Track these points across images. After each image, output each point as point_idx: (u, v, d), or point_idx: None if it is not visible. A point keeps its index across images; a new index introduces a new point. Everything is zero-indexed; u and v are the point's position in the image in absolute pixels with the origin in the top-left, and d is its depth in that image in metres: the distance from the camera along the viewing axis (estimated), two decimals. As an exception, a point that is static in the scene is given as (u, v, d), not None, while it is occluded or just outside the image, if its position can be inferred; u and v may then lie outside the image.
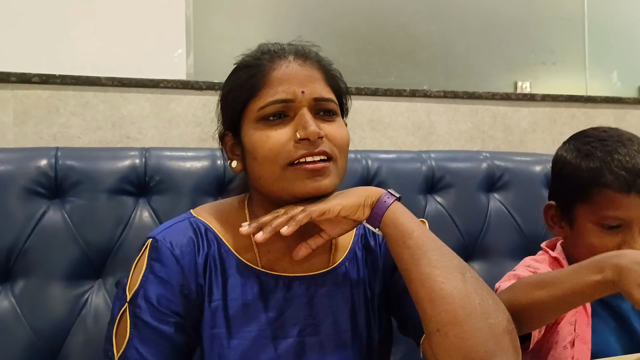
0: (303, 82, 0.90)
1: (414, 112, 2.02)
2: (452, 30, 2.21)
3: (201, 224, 0.95)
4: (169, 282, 0.88)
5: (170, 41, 1.80)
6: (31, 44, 1.65)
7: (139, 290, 0.87)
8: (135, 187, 1.33)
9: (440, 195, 1.56)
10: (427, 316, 0.81)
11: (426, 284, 0.82)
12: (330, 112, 0.92)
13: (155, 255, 0.89)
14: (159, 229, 0.94)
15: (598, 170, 1.06)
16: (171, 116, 1.73)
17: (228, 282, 0.92)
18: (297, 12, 2.03)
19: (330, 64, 0.97)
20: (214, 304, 0.90)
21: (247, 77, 0.92)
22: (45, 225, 1.25)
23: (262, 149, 0.88)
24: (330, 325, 0.94)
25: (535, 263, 1.13)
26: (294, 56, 0.92)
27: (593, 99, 2.27)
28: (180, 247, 0.90)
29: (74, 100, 1.66)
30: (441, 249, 0.86)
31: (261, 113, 0.89)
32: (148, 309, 0.86)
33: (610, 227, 1.04)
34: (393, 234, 0.88)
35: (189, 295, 0.89)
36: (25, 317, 1.20)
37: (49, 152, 1.29)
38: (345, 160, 0.94)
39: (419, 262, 0.84)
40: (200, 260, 0.91)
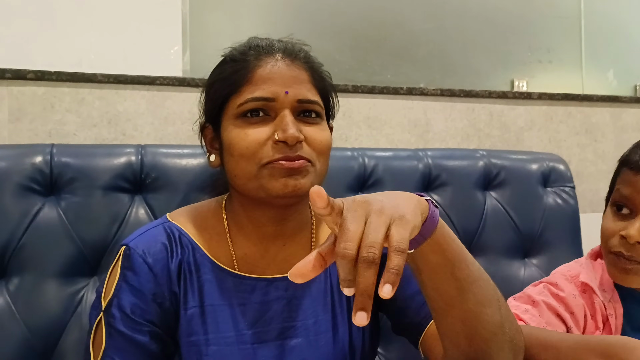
0: (288, 83, 0.88)
1: (410, 109, 2.02)
2: (448, 28, 2.20)
3: (175, 229, 0.93)
4: (142, 291, 0.86)
5: (166, 38, 1.79)
6: (26, 41, 1.64)
7: (113, 300, 0.86)
8: (131, 184, 1.32)
9: (436, 193, 1.56)
10: (459, 350, 0.79)
11: (468, 323, 0.77)
12: (313, 114, 0.90)
13: (128, 263, 0.88)
14: (132, 236, 0.92)
15: (629, 152, 1.05)
16: (167, 113, 1.73)
17: (204, 288, 0.90)
18: (294, 10, 2.03)
19: (319, 65, 0.95)
20: (190, 311, 0.89)
21: (231, 71, 0.90)
22: (40, 222, 1.24)
23: (239, 147, 0.86)
24: (311, 327, 0.92)
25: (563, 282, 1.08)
26: (282, 54, 0.90)
27: (589, 97, 2.27)
28: (153, 254, 0.89)
29: (69, 97, 1.65)
30: (482, 277, 0.78)
31: (240, 109, 0.88)
32: (122, 319, 0.85)
33: (620, 207, 1.01)
34: (438, 262, 0.74)
35: (162, 303, 0.87)
36: (20, 314, 1.19)
37: (44, 149, 1.29)
38: (325, 164, 0.91)
39: (464, 296, 0.76)
40: (173, 267, 0.89)
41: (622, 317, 1.03)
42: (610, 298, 1.05)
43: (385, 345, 1.41)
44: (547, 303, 1.04)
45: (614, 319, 1.03)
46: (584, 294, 1.06)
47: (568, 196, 1.64)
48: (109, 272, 0.90)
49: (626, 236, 0.97)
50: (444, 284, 0.76)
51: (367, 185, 1.51)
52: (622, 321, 1.03)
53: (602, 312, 1.04)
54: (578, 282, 1.08)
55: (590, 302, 1.05)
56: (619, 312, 1.04)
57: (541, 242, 1.60)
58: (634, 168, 1.00)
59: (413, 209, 0.65)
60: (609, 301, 1.04)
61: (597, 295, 1.05)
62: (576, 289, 1.07)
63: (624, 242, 0.98)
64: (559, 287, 1.07)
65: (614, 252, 1.01)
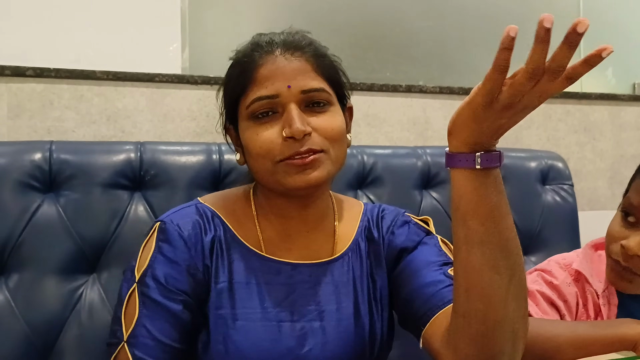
0: (289, 76, 0.89)
1: (409, 107, 2.02)
2: (448, 26, 2.20)
3: (208, 210, 0.97)
4: (177, 262, 0.90)
5: (165, 35, 1.79)
6: (25, 38, 1.64)
7: (147, 270, 0.89)
8: (130, 181, 1.32)
9: (435, 190, 1.56)
10: (459, 300, 0.78)
11: (470, 277, 0.75)
12: (321, 102, 0.91)
13: (164, 236, 0.91)
14: (167, 213, 0.96)
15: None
16: (166, 110, 1.73)
17: (233, 265, 0.94)
18: (292, 7, 2.03)
19: (323, 51, 0.97)
20: (219, 285, 0.92)
21: (236, 74, 0.94)
22: (39, 219, 1.24)
23: (254, 147, 0.90)
24: (334, 313, 0.95)
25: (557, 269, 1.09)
26: (282, 49, 0.92)
27: (588, 95, 2.28)
28: (188, 229, 0.92)
29: (68, 94, 1.65)
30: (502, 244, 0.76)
31: (249, 111, 0.91)
32: (157, 287, 0.88)
33: (627, 215, 1.01)
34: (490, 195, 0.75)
35: (195, 274, 0.91)
36: (20, 311, 1.20)
37: (44, 146, 1.29)
38: (341, 149, 0.93)
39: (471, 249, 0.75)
40: (207, 242, 0.93)
41: (617, 307, 1.04)
42: (605, 288, 1.06)
43: (384, 343, 1.41)
44: (541, 292, 1.05)
45: (607, 308, 1.04)
46: (577, 283, 1.07)
47: (566, 194, 1.64)
48: (142, 247, 0.93)
49: (625, 247, 0.97)
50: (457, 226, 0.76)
51: (366, 183, 1.51)
52: (617, 312, 1.04)
53: (594, 301, 1.05)
54: (572, 270, 1.09)
55: (582, 290, 1.07)
56: (614, 302, 1.05)
57: (540, 240, 1.60)
58: None
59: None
60: (603, 291, 1.05)
61: (589, 284, 1.06)
62: (569, 277, 1.08)
63: (624, 251, 0.98)
64: (552, 274, 1.08)
65: (613, 258, 1.02)
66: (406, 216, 1.06)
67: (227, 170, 1.38)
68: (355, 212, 1.06)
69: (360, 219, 1.04)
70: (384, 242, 1.02)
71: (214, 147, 1.40)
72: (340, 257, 0.99)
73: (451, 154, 0.75)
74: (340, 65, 1.00)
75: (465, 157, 0.74)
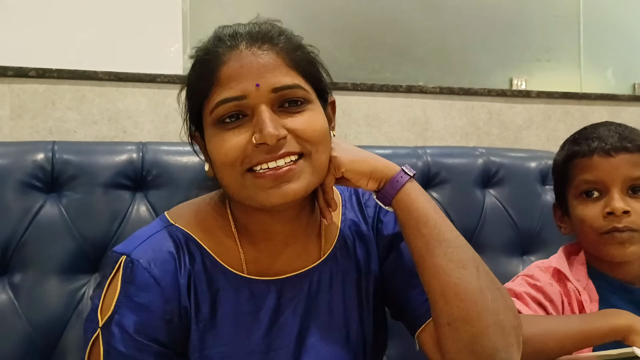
0: (258, 74, 0.77)
1: (409, 107, 2.02)
2: (447, 26, 2.21)
3: (181, 234, 0.84)
4: (148, 308, 0.78)
5: (166, 36, 1.80)
6: (28, 38, 1.65)
7: (113, 316, 0.77)
8: (132, 181, 1.33)
9: (435, 191, 1.56)
10: (438, 309, 0.79)
11: (441, 278, 0.79)
12: (297, 101, 0.80)
13: (130, 277, 0.79)
14: (132, 244, 0.82)
15: (570, 148, 1.13)
16: (168, 111, 1.73)
17: (218, 297, 0.83)
18: (293, 8, 2.03)
19: (296, 41, 0.84)
20: (201, 325, 0.82)
21: (197, 76, 0.82)
22: (41, 219, 1.25)
23: (219, 156, 0.79)
24: (325, 324, 0.88)
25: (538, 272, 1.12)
26: (247, 43, 0.79)
27: (588, 95, 2.28)
28: (160, 265, 0.80)
29: (70, 95, 1.65)
30: (457, 240, 0.82)
31: (214, 116, 0.79)
32: (122, 338, 0.76)
33: (589, 194, 1.07)
34: (406, 218, 0.83)
35: (171, 320, 0.79)
36: (23, 311, 1.20)
37: (46, 146, 1.29)
38: (324, 152, 0.82)
39: (433, 252, 0.80)
40: (182, 280, 0.81)
41: (598, 303, 1.07)
42: (584, 286, 1.09)
43: (385, 342, 1.42)
44: (528, 294, 1.07)
45: (589, 304, 1.07)
46: (559, 282, 1.10)
47: (566, 194, 1.64)
48: (106, 284, 0.80)
49: (613, 210, 1.03)
50: (412, 237, 0.83)
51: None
52: (598, 307, 1.07)
53: (577, 298, 1.08)
54: (551, 269, 1.12)
55: (565, 288, 1.09)
56: (594, 297, 1.08)
57: (539, 240, 1.61)
58: (585, 154, 1.08)
59: (365, 166, 0.86)
60: (583, 288, 1.08)
61: (570, 281, 1.09)
62: (551, 277, 1.11)
63: (612, 217, 1.04)
64: (534, 277, 1.11)
65: (606, 231, 1.05)
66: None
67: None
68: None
69: (341, 212, 0.96)
70: (375, 232, 0.95)
71: (215, 148, 1.41)
72: (328, 258, 0.91)
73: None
74: (317, 57, 0.87)
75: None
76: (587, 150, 1.08)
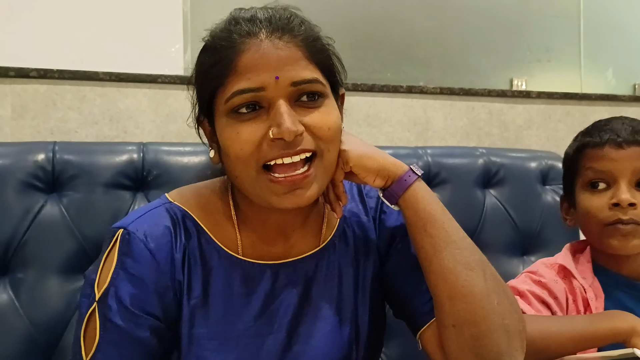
0: (277, 66, 0.76)
1: (410, 108, 2.03)
2: (448, 26, 2.21)
3: (178, 211, 0.84)
4: (143, 280, 0.78)
5: (167, 36, 1.80)
6: (29, 39, 1.65)
7: (109, 289, 0.77)
8: (133, 181, 1.33)
9: (436, 191, 1.56)
10: (444, 311, 0.79)
11: (448, 280, 0.78)
12: (315, 95, 0.79)
13: (127, 249, 0.79)
14: (130, 218, 0.83)
15: (582, 139, 1.12)
16: (168, 111, 1.74)
17: (211, 275, 0.82)
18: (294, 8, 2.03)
19: (315, 33, 0.83)
20: (193, 301, 0.81)
21: (212, 62, 0.79)
22: (42, 219, 1.25)
23: (233, 148, 0.77)
24: (319, 312, 0.86)
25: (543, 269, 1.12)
26: (267, 31, 0.77)
27: (588, 96, 2.29)
28: (156, 239, 0.80)
29: (71, 95, 1.66)
30: (464, 241, 0.82)
31: (229, 106, 0.77)
32: (119, 311, 0.76)
33: (595, 185, 1.07)
34: (413, 218, 0.82)
35: (165, 293, 0.79)
36: (24, 310, 1.20)
37: (47, 146, 1.30)
38: (335, 151, 0.81)
39: (440, 254, 0.79)
40: (178, 254, 0.81)
41: (604, 300, 1.07)
42: (590, 284, 1.08)
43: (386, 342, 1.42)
44: (532, 292, 1.07)
45: (595, 301, 1.06)
46: (564, 279, 1.10)
47: (566, 194, 1.65)
48: (103, 258, 0.80)
49: (619, 202, 1.03)
50: (419, 237, 0.82)
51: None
52: (604, 305, 1.06)
53: (582, 295, 1.07)
54: (556, 266, 1.12)
55: (570, 286, 1.09)
56: (600, 295, 1.07)
57: (540, 240, 1.60)
58: (596, 145, 1.08)
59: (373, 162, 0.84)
60: (589, 286, 1.08)
61: (576, 279, 1.09)
62: (556, 274, 1.11)
63: (618, 209, 1.04)
64: (539, 273, 1.10)
65: (610, 222, 1.05)
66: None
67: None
68: None
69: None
70: (377, 223, 0.93)
71: (215, 148, 1.41)
72: (326, 246, 0.89)
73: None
74: (333, 49, 0.86)
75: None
76: (598, 141, 1.08)
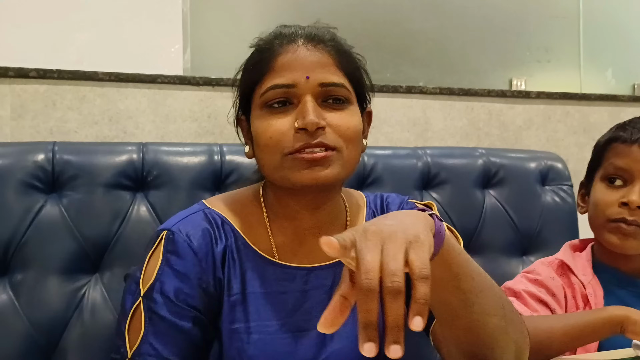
0: (309, 68, 0.86)
1: (409, 108, 2.03)
2: (448, 27, 2.21)
3: (217, 216, 0.92)
4: (187, 275, 0.85)
5: (167, 36, 1.80)
6: (29, 39, 1.65)
7: (155, 284, 0.84)
8: (133, 181, 1.33)
9: (435, 191, 1.56)
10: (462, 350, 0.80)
11: (474, 331, 0.78)
12: (340, 99, 0.87)
13: (172, 247, 0.86)
14: (173, 221, 0.90)
15: (615, 132, 1.13)
16: (168, 111, 1.74)
17: (246, 275, 0.89)
18: (293, 8, 2.04)
19: (348, 47, 0.93)
20: (233, 298, 0.88)
21: (255, 61, 0.90)
22: (42, 219, 1.25)
23: (264, 137, 0.86)
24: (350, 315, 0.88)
25: (540, 267, 1.13)
26: (304, 40, 0.88)
27: (587, 96, 2.29)
28: (197, 238, 0.87)
29: (70, 95, 1.66)
30: (488, 286, 0.79)
31: (263, 99, 0.86)
32: (165, 304, 0.82)
33: (613, 180, 1.08)
34: (443, 276, 0.74)
35: (207, 288, 0.86)
36: (23, 311, 1.20)
37: (47, 147, 1.30)
38: (355, 150, 0.88)
39: (471, 308, 0.77)
40: (218, 252, 0.88)
41: (603, 296, 1.08)
42: (590, 281, 1.09)
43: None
44: (527, 291, 1.07)
45: (594, 297, 1.07)
46: (562, 276, 1.11)
47: (566, 194, 1.65)
48: (147, 257, 0.87)
49: (628, 202, 1.04)
50: (449, 296, 0.76)
51: (366, 184, 1.52)
52: (604, 302, 1.07)
53: (581, 291, 1.08)
54: (555, 264, 1.13)
55: (569, 282, 1.10)
56: (600, 292, 1.08)
57: (539, 240, 1.61)
58: (626, 141, 1.08)
59: (424, 228, 0.63)
60: (588, 282, 1.09)
61: (575, 275, 1.09)
62: (553, 271, 1.12)
63: (626, 208, 1.05)
64: (535, 272, 1.12)
65: (614, 219, 1.06)
66: (411, 203, 1.02)
67: (229, 171, 1.39)
68: (360, 204, 1.02)
69: (366, 212, 1.00)
70: None
71: (215, 148, 1.41)
72: None
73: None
74: (364, 65, 0.96)
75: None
76: (628, 137, 1.09)
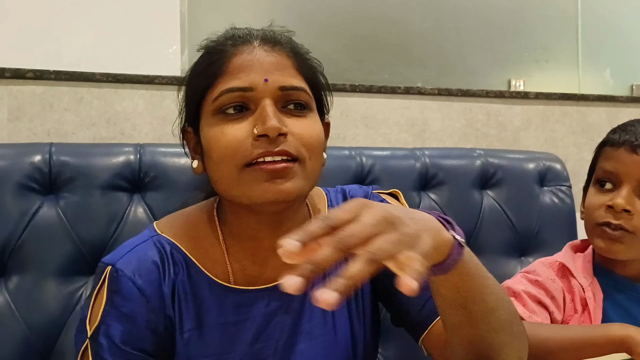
0: (268, 70, 0.77)
1: (407, 109, 2.02)
2: (445, 27, 2.21)
3: (167, 243, 0.84)
4: (133, 317, 0.78)
5: (164, 37, 1.80)
6: (25, 40, 1.65)
7: (100, 327, 0.78)
8: (130, 183, 1.33)
9: (433, 192, 1.56)
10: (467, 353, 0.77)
11: (479, 345, 0.74)
12: (301, 105, 0.80)
13: (116, 287, 0.79)
14: (118, 254, 0.83)
15: (608, 135, 1.12)
16: (165, 113, 1.73)
17: (202, 307, 0.82)
18: (291, 9, 2.03)
19: (305, 51, 0.85)
20: (186, 335, 0.81)
21: (206, 64, 0.81)
22: (39, 221, 1.25)
23: (217, 147, 0.77)
24: (314, 329, 0.85)
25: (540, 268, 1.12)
26: (260, 41, 0.80)
27: (586, 97, 2.29)
28: (144, 275, 0.80)
29: (67, 97, 1.65)
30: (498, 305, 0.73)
31: (217, 104, 0.78)
32: (110, 348, 0.77)
33: (603, 184, 1.08)
34: (452, 295, 0.70)
35: (156, 329, 0.80)
36: (20, 313, 1.20)
37: (43, 148, 1.29)
38: (318, 162, 0.81)
39: (476, 325, 0.72)
40: (167, 290, 0.81)
41: (602, 301, 1.06)
42: (589, 283, 1.08)
43: (383, 344, 1.41)
44: (527, 292, 1.06)
45: (593, 301, 1.06)
46: (562, 278, 1.10)
47: (564, 195, 1.65)
48: (93, 295, 0.81)
49: (613, 205, 1.03)
50: (452, 314, 0.73)
51: (364, 185, 1.51)
52: (603, 305, 1.06)
53: (580, 295, 1.07)
54: (555, 265, 1.12)
55: (568, 285, 1.09)
56: (599, 295, 1.07)
57: (537, 241, 1.60)
58: (614, 144, 1.08)
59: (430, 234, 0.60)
60: (588, 285, 1.08)
61: (574, 277, 1.08)
62: (554, 273, 1.11)
63: (611, 211, 1.04)
64: (535, 272, 1.10)
65: (601, 223, 1.05)
66: (377, 195, 0.95)
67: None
68: (320, 207, 0.93)
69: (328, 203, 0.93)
70: None
71: (213, 149, 1.41)
72: None
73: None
74: (322, 70, 0.88)
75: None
76: (617, 140, 1.08)
